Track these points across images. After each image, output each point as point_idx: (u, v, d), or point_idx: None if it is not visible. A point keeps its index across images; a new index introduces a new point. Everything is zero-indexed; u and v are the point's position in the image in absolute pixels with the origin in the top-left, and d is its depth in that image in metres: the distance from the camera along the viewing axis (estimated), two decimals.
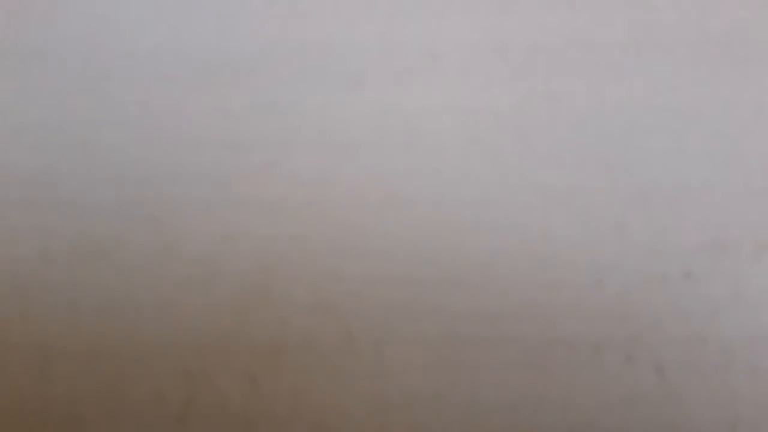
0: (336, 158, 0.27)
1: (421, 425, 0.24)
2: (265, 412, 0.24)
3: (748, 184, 0.26)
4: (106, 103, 0.29)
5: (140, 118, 0.28)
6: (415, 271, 0.25)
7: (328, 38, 0.29)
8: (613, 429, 0.23)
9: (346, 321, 0.25)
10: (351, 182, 0.27)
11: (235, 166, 0.27)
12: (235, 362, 0.24)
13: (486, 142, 0.27)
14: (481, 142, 0.27)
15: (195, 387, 0.24)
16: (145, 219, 0.27)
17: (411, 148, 0.27)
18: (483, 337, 0.24)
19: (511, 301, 0.25)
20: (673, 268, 0.25)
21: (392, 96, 0.28)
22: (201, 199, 0.27)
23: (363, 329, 0.25)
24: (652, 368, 0.24)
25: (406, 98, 0.28)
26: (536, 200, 0.26)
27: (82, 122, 0.28)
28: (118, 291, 0.25)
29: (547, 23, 0.29)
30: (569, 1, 0.29)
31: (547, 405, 0.24)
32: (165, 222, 0.26)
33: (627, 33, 0.29)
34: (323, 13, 0.29)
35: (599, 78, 0.28)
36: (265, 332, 0.25)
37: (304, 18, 0.29)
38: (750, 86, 0.28)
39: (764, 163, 0.26)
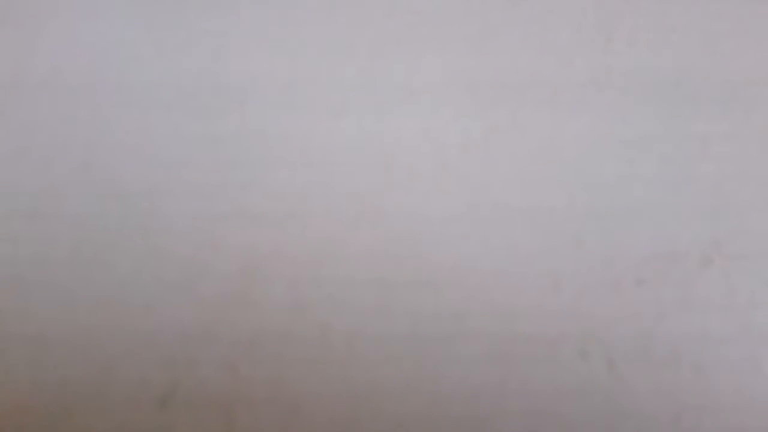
0: (317, 177, 0.31)
1: (388, 412, 0.27)
2: (244, 397, 0.27)
3: (696, 206, 0.30)
4: (108, 128, 0.33)
5: (138, 141, 0.32)
6: (386, 275, 0.29)
7: (312, 74, 0.34)
8: (567, 416, 0.27)
9: (321, 318, 0.28)
10: (330, 198, 0.31)
11: (221, 183, 0.31)
12: (217, 352, 0.28)
13: (456, 166, 0.31)
14: (451, 166, 0.31)
15: (178, 374, 0.28)
16: (139, 229, 0.30)
17: (387, 170, 0.31)
18: (447, 333, 0.28)
19: (474, 302, 0.29)
20: (626, 275, 0.29)
21: (371, 126, 0.32)
22: (190, 212, 0.31)
23: (337, 326, 0.28)
24: (604, 362, 0.27)
25: (383, 128, 0.32)
26: (500, 217, 0.30)
27: (86, 145, 0.32)
28: (111, 290, 0.29)
29: (515, 64, 0.34)
30: (535, 45, 0.34)
31: (507, 395, 0.27)
32: (156, 231, 0.30)
33: (587, 73, 0.33)
34: (309, 51, 0.34)
35: (561, 112, 0.33)
36: (246, 327, 0.28)
37: (292, 55, 0.34)
38: (697, 122, 0.32)
39: (710, 187, 0.31)
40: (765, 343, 0.27)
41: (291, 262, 0.29)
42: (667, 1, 0.35)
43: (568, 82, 0.33)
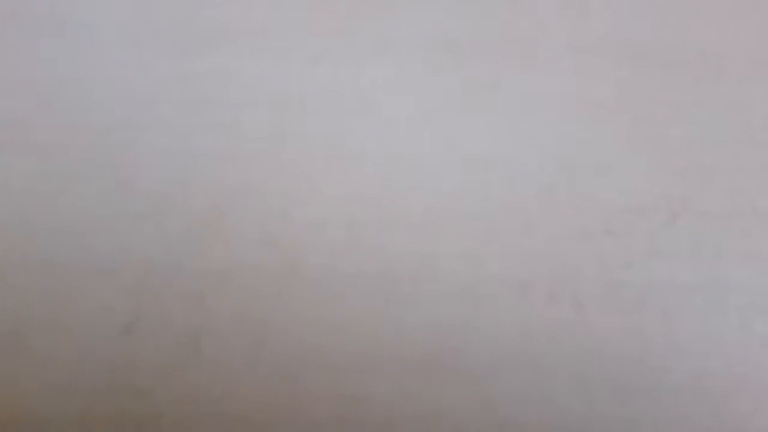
0: (291, 120, 0.32)
1: (354, 347, 0.28)
2: (210, 328, 0.27)
3: (665, 165, 0.32)
4: (76, 63, 0.33)
5: (107, 77, 0.33)
6: (357, 215, 0.30)
7: (292, 21, 0.34)
8: (534, 357, 0.28)
9: (291, 254, 0.29)
10: (303, 140, 0.31)
11: (193, 122, 0.32)
12: (183, 283, 0.28)
13: (433, 116, 0.32)
14: (427, 116, 0.32)
15: (142, 303, 0.28)
16: (106, 162, 0.31)
17: (362, 116, 0.32)
18: (418, 274, 0.29)
19: (445, 244, 0.29)
20: (596, 225, 0.30)
21: (348, 74, 0.33)
22: (160, 149, 0.31)
23: (307, 262, 0.29)
24: (572, 305, 0.28)
25: (361, 77, 0.33)
26: (474, 165, 0.31)
27: (52, 78, 0.32)
28: (73, 221, 0.29)
29: (493, 24, 0.35)
30: (514, 6, 0.35)
31: (476, 335, 0.28)
32: (124, 165, 0.31)
33: (564, 36, 0.35)
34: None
35: (537, 72, 0.34)
36: (214, 258, 0.29)
37: (272, 1, 0.34)
38: (669, 88, 0.34)
39: (679, 148, 0.32)
40: (730, 292, 0.28)
41: (261, 199, 0.30)
42: None
43: (545, 43, 0.34)
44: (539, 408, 0.26)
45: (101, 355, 0.27)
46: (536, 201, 0.30)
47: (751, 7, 0.36)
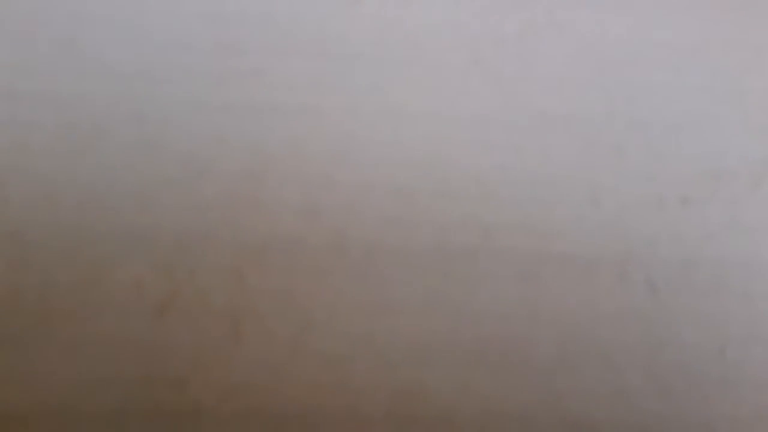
0: (332, 68, 0.28)
1: (407, 331, 0.25)
2: (250, 308, 0.25)
3: (747, 120, 0.28)
4: (97, 2, 0.29)
5: (130, 17, 0.29)
6: (408, 182, 0.26)
7: None
8: (602, 343, 0.25)
9: (336, 225, 0.26)
10: (346, 92, 0.28)
11: (226, 69, 0.28)
12: (221, 258, 0.25)
13: (487, 63, 0.29)
14: (482, 63, 0.28)
15: (177, 281, 0.25)
16: (131, 115, 0.27)
17: (410, 63, 0.28)
18: (474, 248, 0.26)
19: (505, 215, 0.26)
20: (670, 192, 0.26)
21: (392, 13, 0.29)
22: (190, 100, 0.28)
23: (353, 235, 0.26)
24: (645, 286, 0.25)
25: (406, 15, 0.29)
26: (536, 123, 0.28)
27: (71, 17, 0.29)
28: (99, 184, 0.26)
29: None
30: None
31: (538, 318, 0.25)
32: (151, 119, 0.27)
33: None
34: None
35: (603, 11, 0.30)
36: (253, 231, 0.26)
37: None
38: (750, 28, 0.29)
39: (762, 100, 0.28)
40: None
41: (303, 162, 0.27)
42: None
43: None
44: (609, 403, 0.24)
45: (133, 342, 0.24)
46: (604, 164, 0.27)
47: None
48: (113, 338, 0.24)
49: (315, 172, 0.27)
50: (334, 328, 0.25)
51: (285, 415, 0.24)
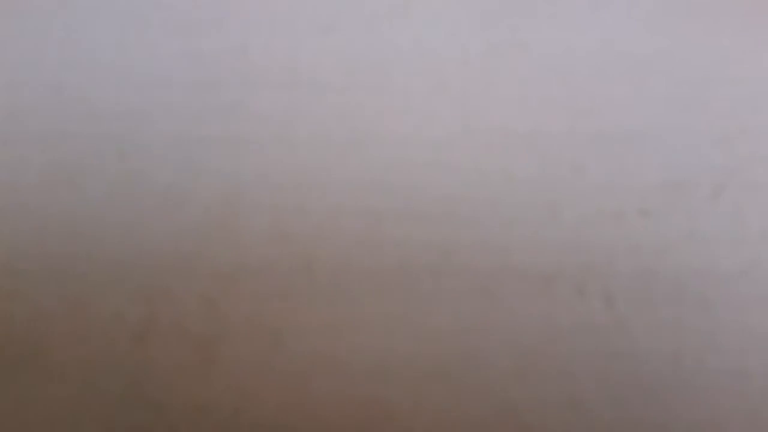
0: (303, 98, 0.29)
1: (373, 347, 0.26)
2: (222, 332, 0.26)
3: (708, 131, 0.28)
4: (81, 46, 0.31)
5: (113, 60, 0.31)
6: (374, 204, 0.28)
7: None
8: (561, 356, 0.26)
9: (305, 250, 0.27)
10: (316, 121, 0.29)
11: (203, 105, 0.30)
12: (195, 285, 0.27)
13: (452, 86, 0.30)
14: (448, 86, 0.29)
15: (154, 307, 0.26)
16: (114, 151, 0.29)
17: (378, 90, 0.30)
18: (437, 267, 0.27)
19: (466, 233, 0.27)
20: (629, 205, 0.27)
21: (362, 42, 0.30)
22: (168, 135, 0.29)
23: (321, 258, 0.27)
24: (602, 299, 0.26)
25: (375, 44, 0.30)
26: (497, 142, 0.29)
27: (58, 63, 0.31)
28: (84, 216, 0.28)
29: None
30: None
31: (498, 332, 0.26)
32: (133, 155, 0.29)
33: None
34: None
35: (566, 29, 0.30)
36: (225, 257, 0.27)
37: None
38: (711, 37, 0.30)
39: (724, 110, 0.29)
40: None
41: (275, 189, 0.28)
42: None
43: None
44: (566, 415, 0.25)
45: (115, 365, 0.26)
46: (564, 180, 0.27)
47: None
48: (96, 363, 0.26)
49: (285, 200, 0.28)
50: (301, 348, 0.26)
51: (256, 429, 0.25)
